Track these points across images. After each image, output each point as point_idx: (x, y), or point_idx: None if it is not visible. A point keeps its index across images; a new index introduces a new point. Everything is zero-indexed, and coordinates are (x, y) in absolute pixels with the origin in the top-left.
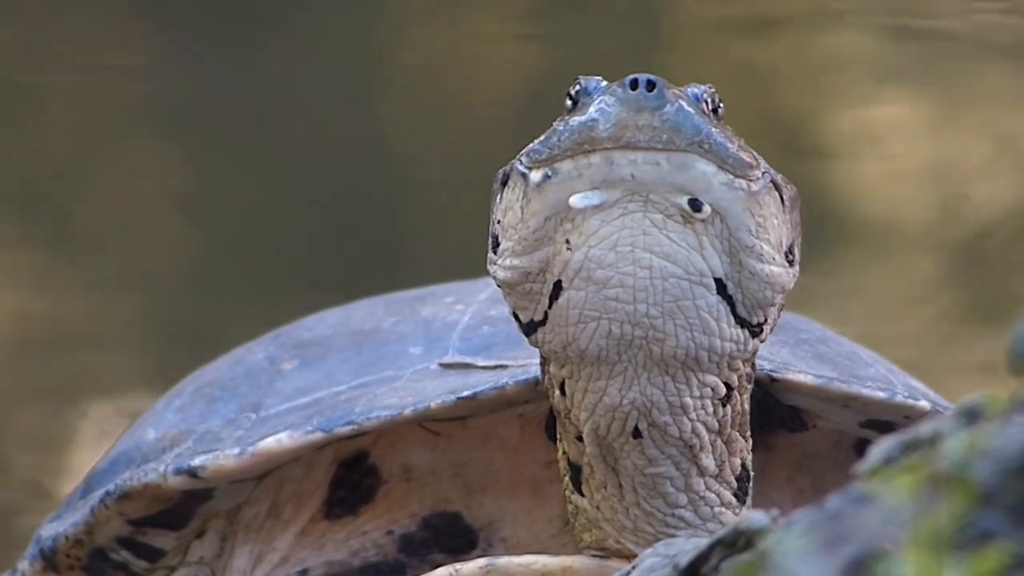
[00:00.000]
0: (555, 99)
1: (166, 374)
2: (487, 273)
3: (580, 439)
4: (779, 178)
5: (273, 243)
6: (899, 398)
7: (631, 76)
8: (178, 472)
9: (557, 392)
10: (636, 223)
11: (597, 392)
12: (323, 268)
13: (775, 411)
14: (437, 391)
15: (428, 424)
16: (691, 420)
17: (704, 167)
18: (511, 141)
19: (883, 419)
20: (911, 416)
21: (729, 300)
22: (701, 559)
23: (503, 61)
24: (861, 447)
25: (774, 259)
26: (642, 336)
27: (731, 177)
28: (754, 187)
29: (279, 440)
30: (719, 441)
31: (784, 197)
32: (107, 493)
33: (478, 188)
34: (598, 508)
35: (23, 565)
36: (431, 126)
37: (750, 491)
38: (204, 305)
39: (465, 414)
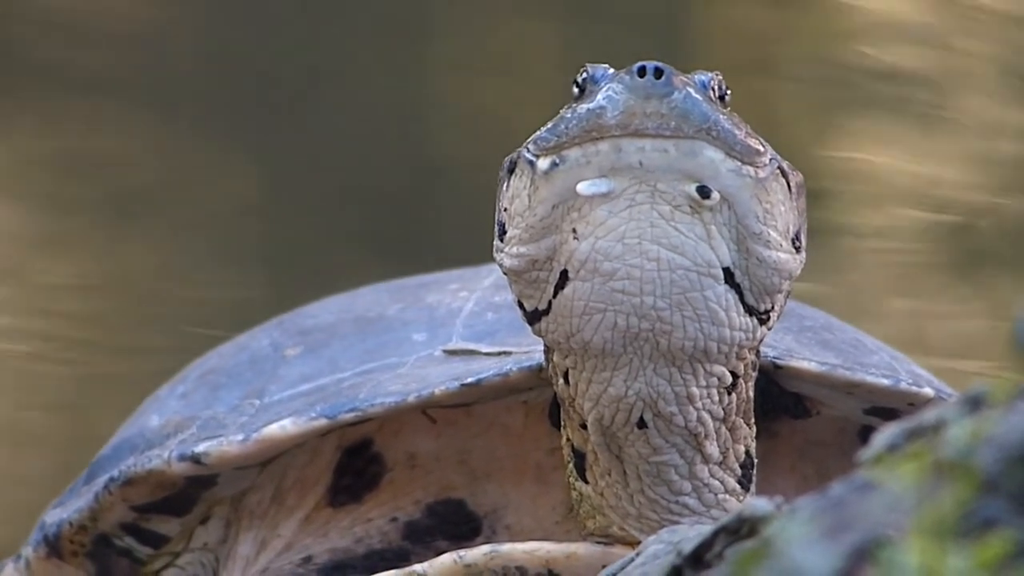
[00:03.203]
0: None
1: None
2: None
3: (584, 427)
4: (786, 165)
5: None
6: (903, 385)
7: (639, 63)
8: (182, 458)
9: (561, 381)
10: (643, 214)
11: (601, 383)
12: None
13: (779, 398)
14: (441, 378)
15: (429, 411)
16: (696, 409)
17: (712, 154)
18: None
19: (887, 406)
20: (915, 403)
21: (737, 288)
22: (705, 546)
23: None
24: (865, 434)
25: (781, 245)
26: (649, 328)
27: (739, 164)
28: (761, 174)
29: (283, 426)
30: (723, 429)
31: (791, 184)
32: (111, 479)
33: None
34: (602, 495)
35: (27, 551)
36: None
37: (754, 478)
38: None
39: (469, 401)
